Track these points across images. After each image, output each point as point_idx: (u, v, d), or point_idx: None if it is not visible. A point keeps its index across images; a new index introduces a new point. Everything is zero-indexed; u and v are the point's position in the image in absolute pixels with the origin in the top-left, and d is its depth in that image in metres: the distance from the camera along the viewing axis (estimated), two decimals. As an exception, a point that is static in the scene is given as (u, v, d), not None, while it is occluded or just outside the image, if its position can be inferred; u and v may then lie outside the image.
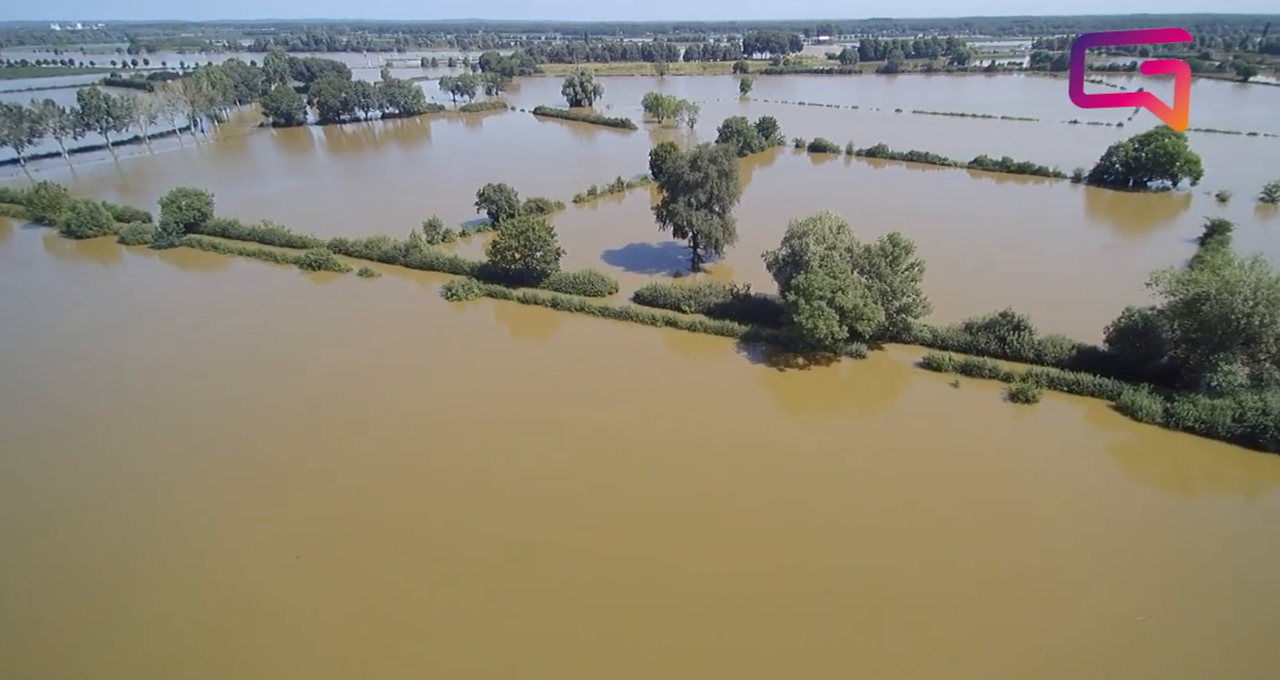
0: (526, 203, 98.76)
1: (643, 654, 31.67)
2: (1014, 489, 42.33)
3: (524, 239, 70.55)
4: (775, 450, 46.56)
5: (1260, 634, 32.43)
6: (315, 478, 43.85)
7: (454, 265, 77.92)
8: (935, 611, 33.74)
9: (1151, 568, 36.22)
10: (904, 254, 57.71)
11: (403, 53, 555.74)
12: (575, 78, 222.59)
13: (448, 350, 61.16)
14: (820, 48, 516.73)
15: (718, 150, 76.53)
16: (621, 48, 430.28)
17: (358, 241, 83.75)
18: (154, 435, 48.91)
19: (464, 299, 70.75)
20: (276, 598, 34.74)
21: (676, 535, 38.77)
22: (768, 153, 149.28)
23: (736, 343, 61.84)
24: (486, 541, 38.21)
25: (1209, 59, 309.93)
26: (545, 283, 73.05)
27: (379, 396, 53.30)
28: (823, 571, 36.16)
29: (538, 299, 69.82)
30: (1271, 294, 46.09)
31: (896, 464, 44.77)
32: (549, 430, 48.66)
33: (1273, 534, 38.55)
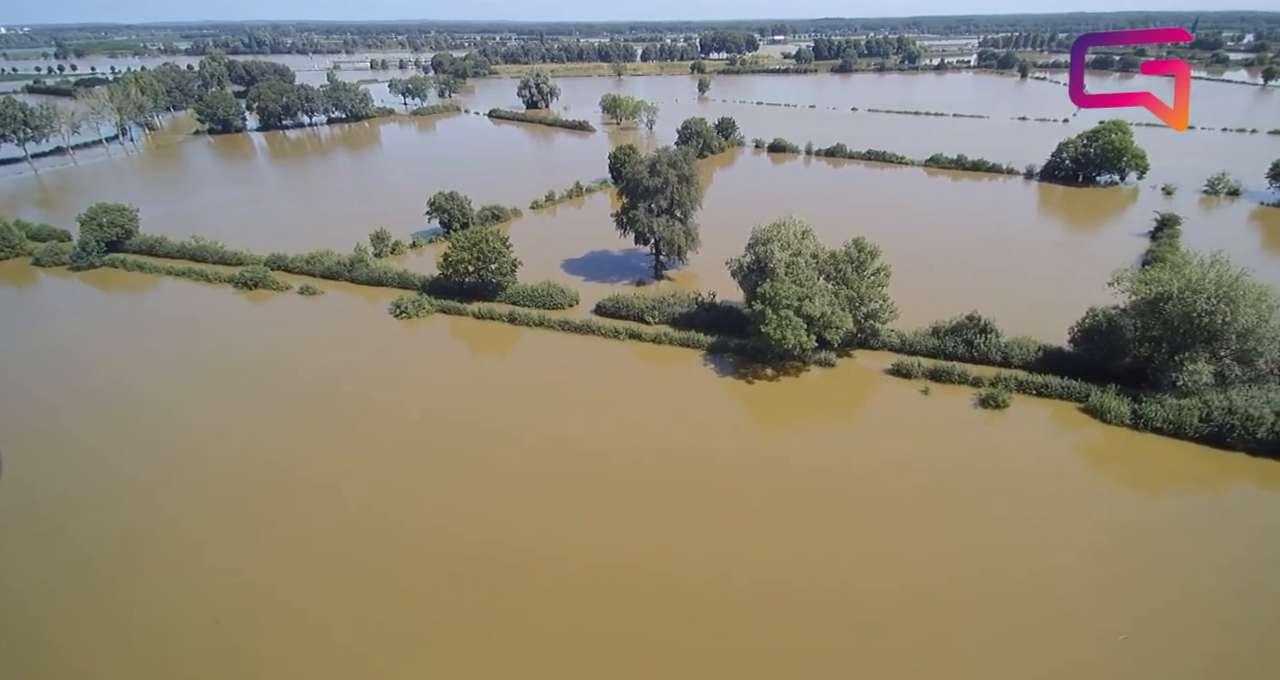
0: (481, 211, 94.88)
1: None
2: (988, 498, 41.31)
3: (477, 251, 66.89)
4: (746, 464, 44.79)
5: (1254, 640, 31.71)
6: (233, 532, 39.62)
7: (403, 280, 73.64)
8: (910, 624, 32.77)
9: (1132, 575, 35.44)
10: (870, 259, 56.32)
11: (351, 54, 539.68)
12: (531, 79, 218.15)
13: (396, 371, 57.16)
14: (776, 47, 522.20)
15: (677, 154, 74.17)
16: (578, 48, 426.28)
17: (298, 257, 78.56)
18: (53, 481, 43.76)
19: (414, 316, 66.66)
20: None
21: (644, 551, 37.25)
22: (728, 154, 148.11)
23: (703, 354, 59.57)
24: (453, 562, 34.87)
25: (1143, 55, 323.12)
26: (502, 296, 69.53)
27: (316, 426, 49.11)
28: (796, 583, 35.09)
29: (494, 314, 66.25)
30: (1232, 292, 46.02)
31: (869, 475, 43.46)
32: (510, 452, 45.54)
33: (1249, 535, 38.04)
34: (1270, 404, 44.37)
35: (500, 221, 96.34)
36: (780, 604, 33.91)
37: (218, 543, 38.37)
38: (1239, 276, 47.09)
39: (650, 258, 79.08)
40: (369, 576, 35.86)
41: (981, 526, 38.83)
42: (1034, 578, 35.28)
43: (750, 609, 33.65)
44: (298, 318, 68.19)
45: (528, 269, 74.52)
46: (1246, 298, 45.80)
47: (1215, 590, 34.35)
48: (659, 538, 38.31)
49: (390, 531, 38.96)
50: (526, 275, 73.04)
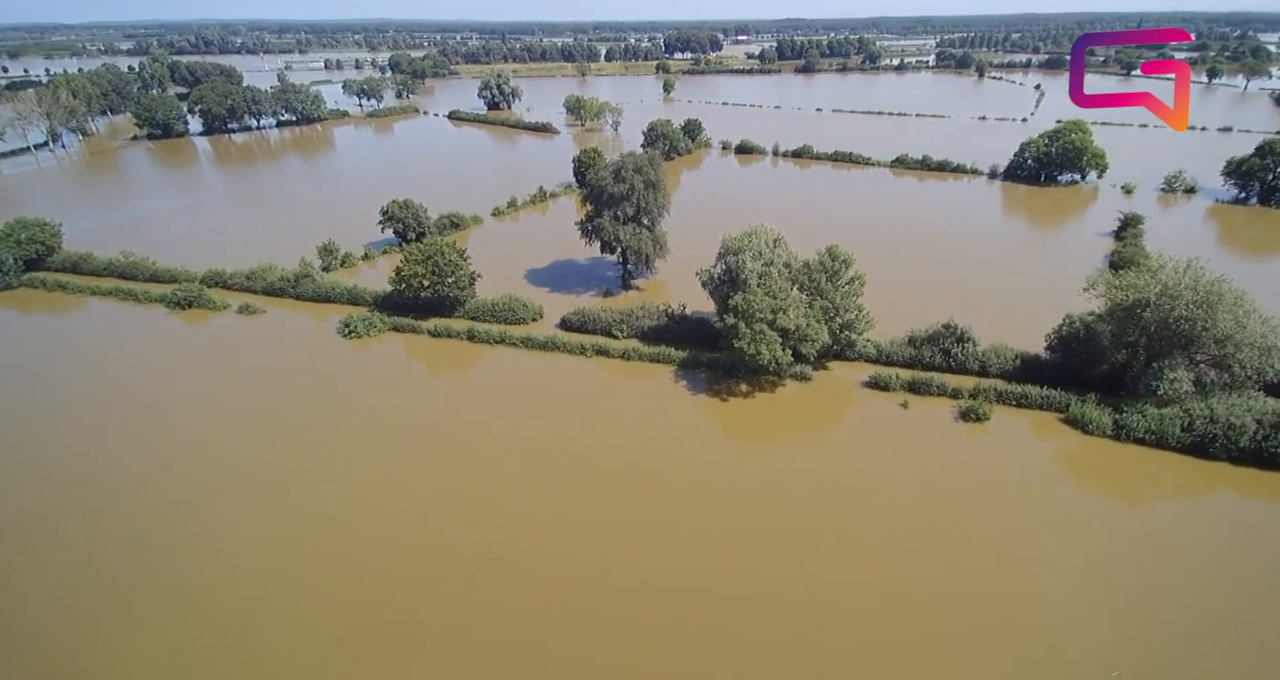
0: (439, 219, 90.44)
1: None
2: (973, 515, 39.68)
3: (432, 264, 62.78)
4: (722, 486, 42.46)
5: (1249, 657, 30.48)
6: (151, 577, 35.17)
7: (353, 296, 68.95)
8: (892, 642, 31.59)
9: (1120, 592, 34.14)
10: (844, 268, 54.23)
11: (304, 54, 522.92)
12: (492, 80, 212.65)
13: (343, 397, 52.80)
14: (739, 47, 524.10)
15: (642, 159, 71.17)
16: (541, 48, 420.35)
17: (238, 273, 73.09)
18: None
19: (365, 335, 62.17)
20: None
21: (621, 570, 35.79)
22: (695, 155, 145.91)
23: (674, 370, 56.69)
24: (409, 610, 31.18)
25: (1094, 54, 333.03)
26: (460, 311, 65.53)
27: (249, 456, 44.62)
28: (779, 600, 34.04)
29: (451, 331, 62.22)
30: (1210, 297, 45.12)
31: (851, 494, 41.59)
32: (468, 483, 41.87)
33: (1239, 548, 36.82)
34: (1251, 412, 43.58)
35: (460, 230, 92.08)
36: (763, 621, 32.76)
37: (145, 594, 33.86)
38: (1216, 281, 46.24)
39: (617, 266, 75.96)
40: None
41: (967, 545, 37.30)
42: (1021, 595, 34.16)
43: (731, 625, 32.55)
44: (235, 340, 63.00)
45: (489, 281, 70.66)
46: (1224, 303, 44.98)
47: (1206, 608, 33.13)
48: (635, 557, 36.59)
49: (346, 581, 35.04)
50: (487, 288, 69.17)
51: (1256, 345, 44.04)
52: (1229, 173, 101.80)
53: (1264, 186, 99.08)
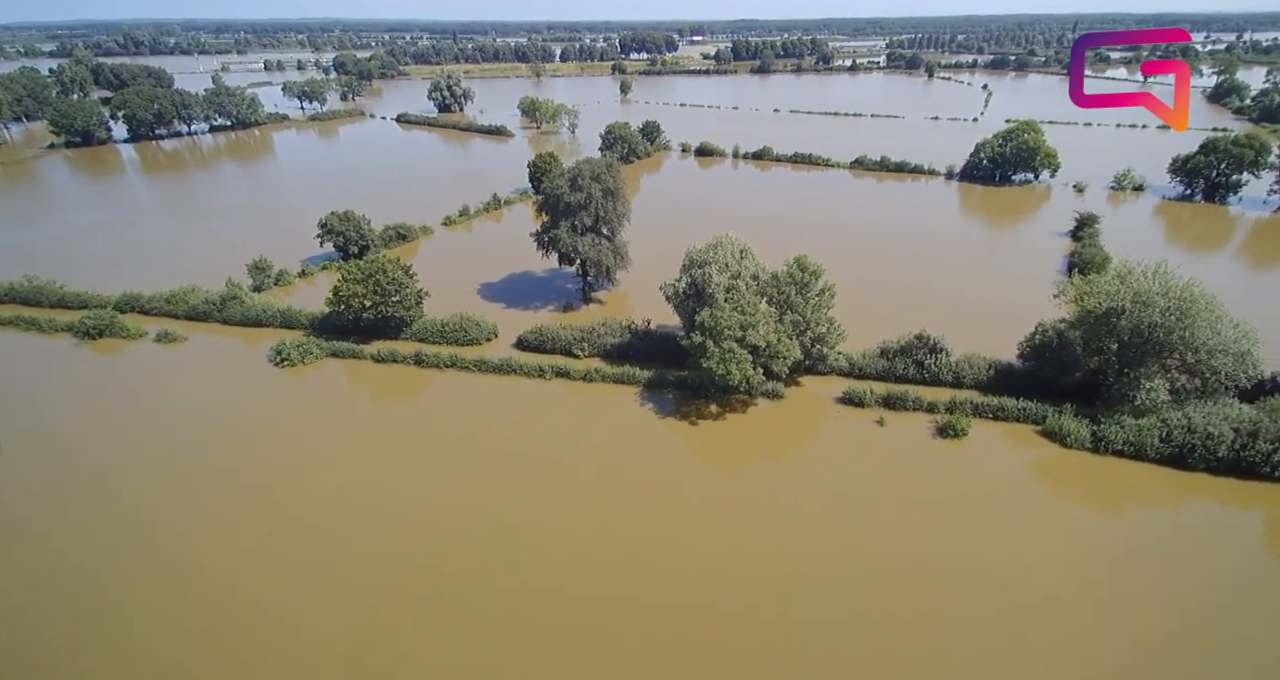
0: (385, 230, 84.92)
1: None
2: (955, 534, 37.94)
3: (373, 283, 57.81)
4: (695, 512, 39.95)
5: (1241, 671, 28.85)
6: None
7: (288, 319, 63.25)
8: (875, 666, 30.45)
9: (1111, 611, 32.74)
10: (813, 279, 51.72)
11: (244, 55, 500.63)
12: (442, 81, 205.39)
13: (273, 434, 47.57)
14: (695, 48, 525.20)
15: (600, 165, 67.50)
16: (494, 48, 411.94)
17: (157, 296, 66.42)
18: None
19: (300, 363, 56.74)
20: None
21: (590, 596, 33.98)
22: (654, 158, 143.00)
23: (640, 391, 53.25)
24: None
25: (1035, 55, 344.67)
26: (407, 333, 60.70)
27: (160, 508, 39.21)
28: (760, 624, 32.75)
29: (397, 355, 57.32)
30: (1184, 304, 44.12)
31: (829, 516, 39.53)
32: (416, 522, 37.63)
33: (1230, 564, 35.54)
34: (1229, 420, 42.68)
35: (407, 241, 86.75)
36: (740, 642, 31.65)
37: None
38: (1187, 286, 45.35)
39: (577, 279, 72.11)
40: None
41: (950, 565, 35.75)
42: (1007, 614, 32.90)
43: (707, 644, 31.58)
44: (150, 372, 56.70)
45: (439, 298, 66.01)
46: (1195, 308, 44.04)
47: (1193, 622, 31.97)
48: (604, 587, 34.58)
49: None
50: (437, 306, 64.47)
51: (1231, 351, 43.19)
52: (1175, 170, 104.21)
53: (1208, 183, 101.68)
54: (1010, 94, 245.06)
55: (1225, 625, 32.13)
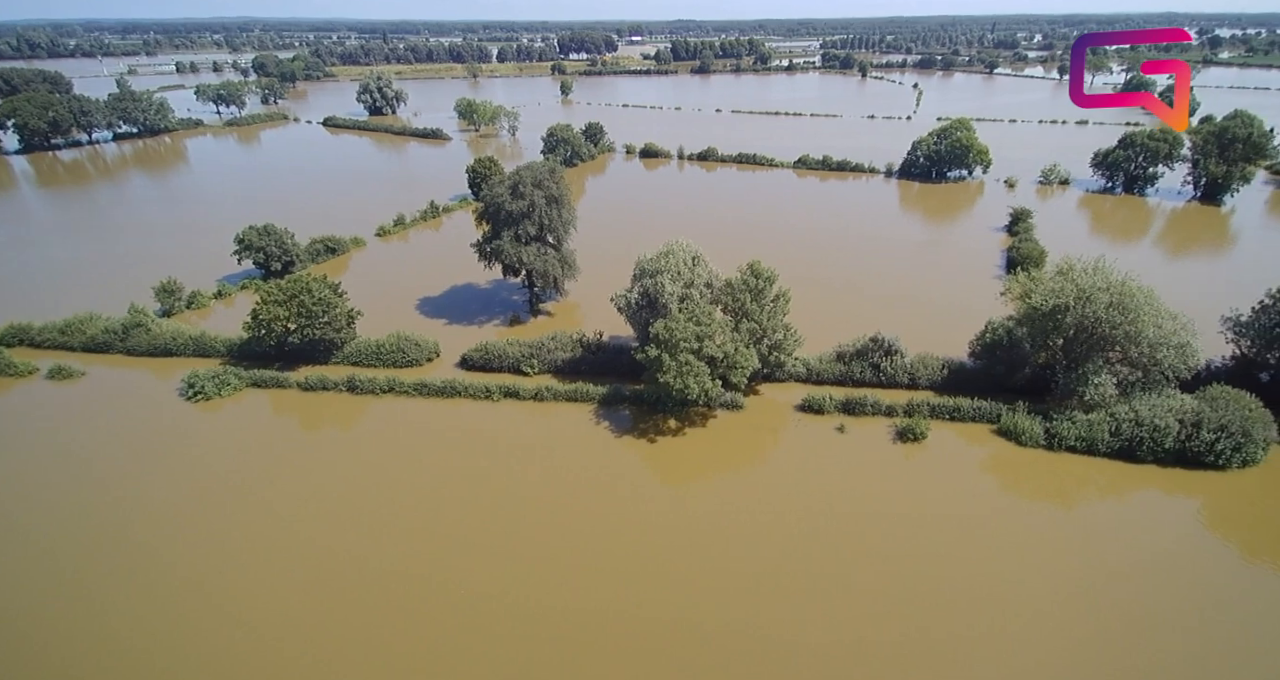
0: (312, 244, 79.12)
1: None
2: (923, 542, 37.52)
3: (297, 304, 52.96)
4: (656, 533, 38.28)
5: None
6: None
7: (201, 346, 57.41)
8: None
9: (1076, 609, 32.75)
10: (768, 285, 50.31)
11: (153, 57, 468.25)
12: (372, 82, 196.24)
13: (184, 478, 42.46)
14: (635, 48, 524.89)
15: (542, 171, 64.36)
16: (427, 48, 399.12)
17: (49, 326, 59.27)
18: None
19: (216, 396, 51.34)
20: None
21: (553, 638, 30.93)
22: (599, 161, 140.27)
23: (595, 408, 50.63)
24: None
25: (959, 55, 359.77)
26: (338, 356, 56.06)
27: (52, 568, 34.02)
28: (729, 647, 31.64)
29: (327, 382, 52.65)
30: (1124, 300, 44.87)
31: (796, 531, 38.46)
32: (351, 568, 33.71)
33: (1178, 552, 36.08)
34: (1173, 412, 43.59)
35: (337, 255, 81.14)
36: (710, 661, 30.78)
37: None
38: (1125, 281, 46.22)
39: (523, 289, 68.76)
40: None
41: (917, 572, 35.43)
42: (979, 620, 32.40)
43: (677, 666, 30.55)
44: (42, 414, 50.13)
45: (373, 316, 61.46)
46: (1136, 302, 44.84)
47: (1152, 607, 32.06)
48: (567, 615, 32.80)
49: None
50: (372, 325, 59.92)
51: (1173, 344, 44.12)
52: (1097, 164, 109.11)
53: (1127, 176, 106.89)
54: (939, 92, 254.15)
55: (1176, 610, 32.83)
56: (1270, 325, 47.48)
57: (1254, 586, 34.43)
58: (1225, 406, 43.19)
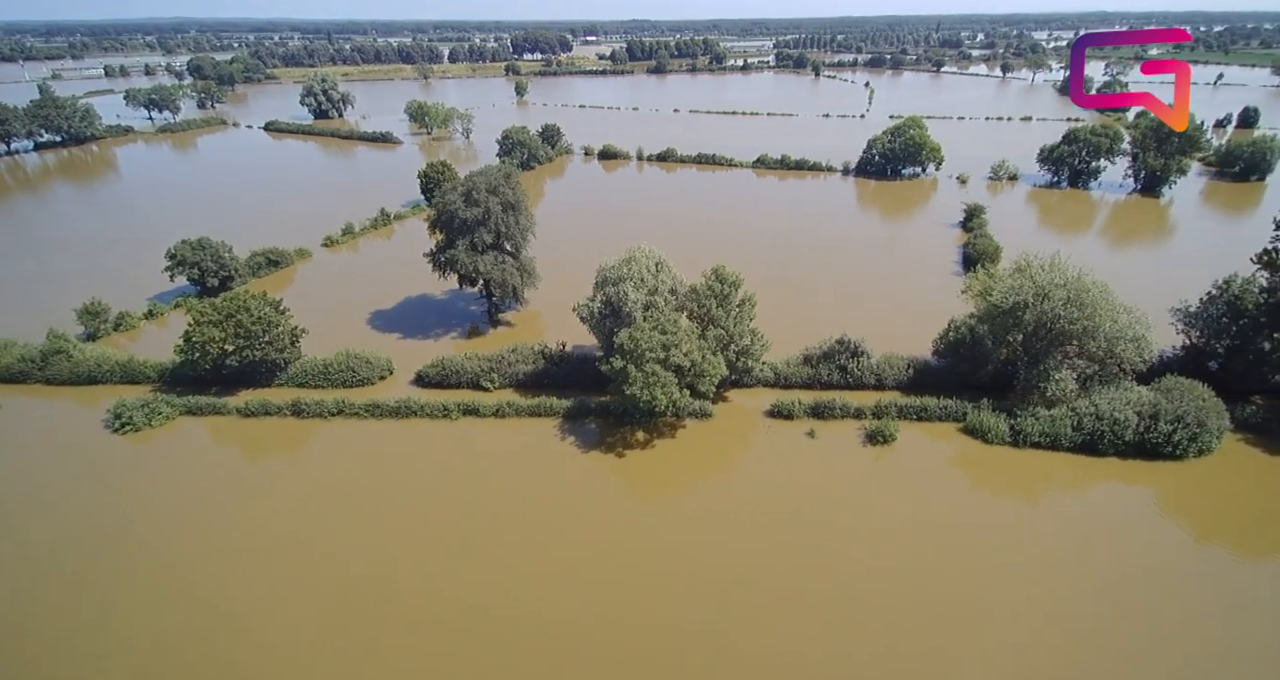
0: (252, 257, 74.77)
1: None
2: (899, 546, 37.10)
3: (234, 324, 49.40)
4: (631, 550, 36.88)
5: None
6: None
7: (130, 372, 53.19)
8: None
9: (1051, 600, 32.54)
10: (733, 290, 49.25)
11: (80, 60, 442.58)
12: (316, 84, 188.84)
13: (114, 521, 38.84)
14: (589, 48, 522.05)
15: (497, 176, 61.96)
16: (375, 49, 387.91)
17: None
18: None
19: (146, 426, 47.46)
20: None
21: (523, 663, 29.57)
22: (556, 163, 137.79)
23: (560, 423, 48.71)
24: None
25: (907, 54, 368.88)
26: (282, 378, 52.67)
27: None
28: (704, 661, 30.76)
29: (269, 407, 49.26)
30: (1080, 296, 45.37)
31: (771, 541, 37.68)
32: (304, 604, 31.02)
33: (1148, 548, 36.43)
34: (1131, 405, 44.25)
35: (280, 268, 76.92)
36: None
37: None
38: (1081, 277, 46.77)
39: (481, 300, 66.20)
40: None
41: (898, 580, 34.90)
42: (957, 622, 31.92)
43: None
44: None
45: (321, 333, 58.16)
46: (1092, 297, 45.40)
47: (1120, 591, 31.66)
48: (539, 636, 30.55)
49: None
50: (319, 342, 56.64)
51: (1129, 338, 44.78)
52: (1043, 159, 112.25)
53: (1072, 170, 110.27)
54: (890, 90, 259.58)
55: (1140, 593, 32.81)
56: (1217, 315, 48.77)
57: (1203, 567, 35.43)
58: (1180, 397, 44.04)
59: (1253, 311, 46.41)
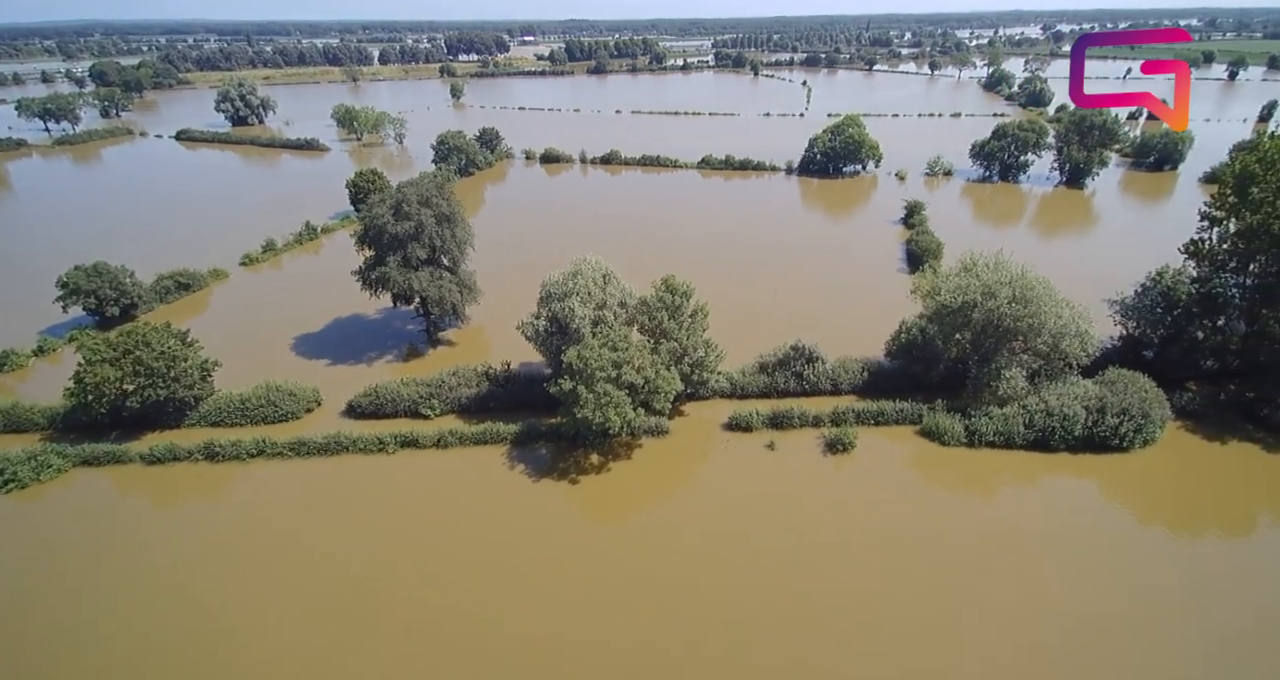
0: (159, 281, 68.21)
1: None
2: (860, 562, 35.96)
3: (132, 361, 44.15)
4: (591, 582, 34.60)
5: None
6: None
7: (14, 419, 46.91)
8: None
9: (1032, 628, 31.31)
10: (685, 300, 47.32)
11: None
12: (233, 89, 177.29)
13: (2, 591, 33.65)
14: (528, 48, 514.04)
15: (429, 186, 58.16)
16: (298, 51, 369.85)
17: None
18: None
19: (34, 481, 41.73)
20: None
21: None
22: (497, 168, 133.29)
23: (507, 450, 45.64)
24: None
25: (840, 53, 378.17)
26: (193, 418, 47.54)
27: None
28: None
29: (178, 452, 44.14)
30: (1025, 293, 45.59)
31: (731, 560, 36.08)
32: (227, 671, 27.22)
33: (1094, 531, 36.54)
34: (1079, 400, 44.69)
35: (192, 292, 70.44)
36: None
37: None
38: (1023, 274, 47.07)
39: (419, 317, 62.12)
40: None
41: (857, 595, 33.78)
42: (929, 635, 30.94)
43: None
44: None
45: (238, 365, 53.09)
46: (1036, 294, 45.69)
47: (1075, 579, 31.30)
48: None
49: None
50: (237, 375, 51.61)
51: (1073, 333, 45.22)
52: (975, 154, 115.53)
53: (1002, 165, 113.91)
54: (826, 89, 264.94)
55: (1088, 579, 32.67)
56: (1152, 306, 50.02)
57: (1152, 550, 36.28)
58: (1124, 390, 44.77)
59: (1185, 302, 47.68)
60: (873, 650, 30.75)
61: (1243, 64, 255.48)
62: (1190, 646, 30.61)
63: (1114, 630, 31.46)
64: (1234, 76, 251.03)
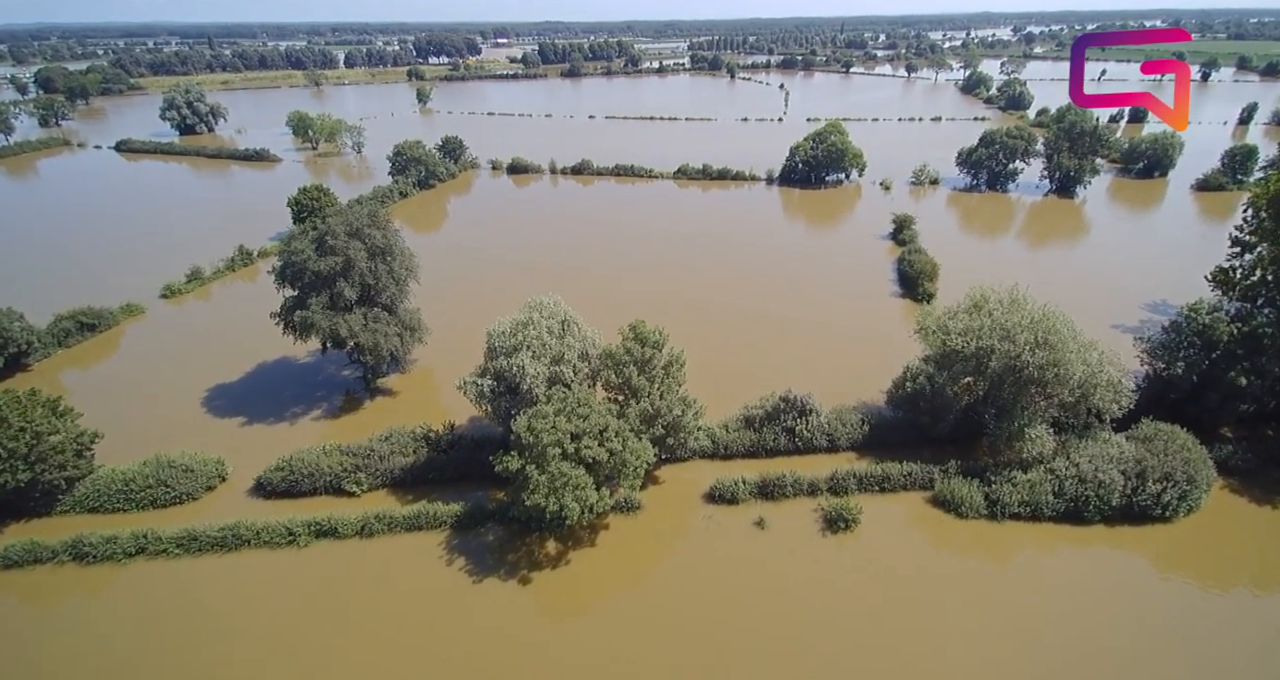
0: (58, 321, 59.35)
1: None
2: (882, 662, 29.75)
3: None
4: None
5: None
6: None
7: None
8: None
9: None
10: (656, 351, 40.33)
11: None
12: (179, 96, 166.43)
13: None
14: (500, 51, 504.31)
15: (359, 217, 50.44)
16: (259, 54, 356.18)
17: None
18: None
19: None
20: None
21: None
22: (461, 179, 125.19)
23: (447, 536, 38.22)
24: None
25: (816, 55, 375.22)
26: (66, 503, 39.33)
27: None
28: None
29: (39, 552, 35.91)
30: (1049, 338, 39.47)
31: (718, 674, 29.05)
32: None
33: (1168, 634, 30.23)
34: (1114, 463, 38.65)
35: (99, 332, 61.64)
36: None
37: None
38: (1048, 315, 40.96)
39: (355, 363, 54.22)
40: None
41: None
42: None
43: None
44: None
45: (132, 430, 45.21)
46: (1061, 339, 39.58)
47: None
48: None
49: None
50: (130, 444, 43.52)
51: (1103, 383, 39.16)
52: (962, 162, 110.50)
53: (990, 173, 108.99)
54: (803, 92, 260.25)
55: None
56: (1186, 344, 44.22)
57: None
58: (1164, 448, 38.90)
59: (1227, 343, 41.93)
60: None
61: (1215, 65, 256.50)
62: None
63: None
64: (1207, 78, 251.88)
